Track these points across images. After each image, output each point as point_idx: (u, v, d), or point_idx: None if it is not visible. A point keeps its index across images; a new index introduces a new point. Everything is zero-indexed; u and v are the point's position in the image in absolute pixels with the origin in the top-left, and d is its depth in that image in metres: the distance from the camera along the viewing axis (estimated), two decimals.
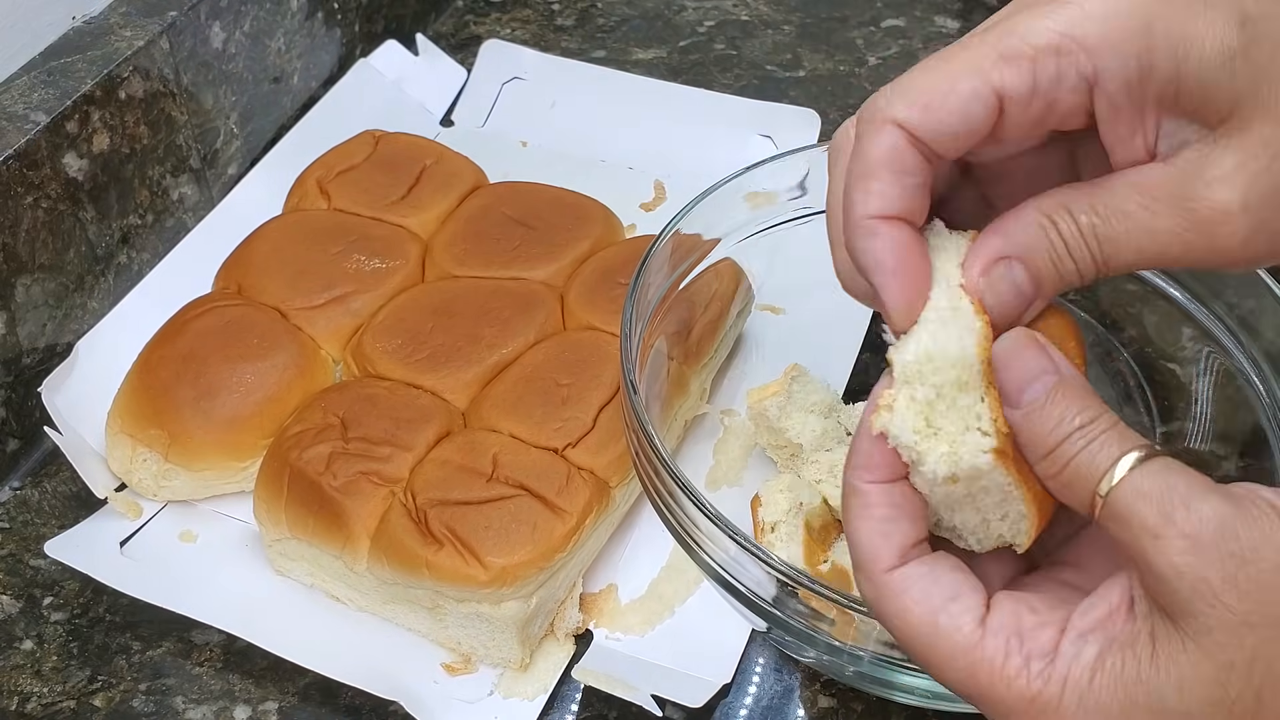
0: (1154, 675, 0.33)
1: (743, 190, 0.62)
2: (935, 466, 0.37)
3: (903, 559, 0.37)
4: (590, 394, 0.63)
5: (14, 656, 0.60)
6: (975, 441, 0.37)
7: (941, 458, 0.37)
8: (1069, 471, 0.35)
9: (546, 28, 0.99)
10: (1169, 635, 0.33)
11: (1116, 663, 0.34)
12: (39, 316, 0.68)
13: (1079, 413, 0.35)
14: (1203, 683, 0.33)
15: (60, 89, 0.68)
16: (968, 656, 0.35)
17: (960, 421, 0.37)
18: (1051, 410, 0.36)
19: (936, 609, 0.36)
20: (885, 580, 0.37)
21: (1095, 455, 0.35)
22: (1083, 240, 0.36)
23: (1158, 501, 0.33)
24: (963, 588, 0.36)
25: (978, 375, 0.37)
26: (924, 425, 0.37)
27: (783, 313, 0.74)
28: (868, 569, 0.37)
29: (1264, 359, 0.57)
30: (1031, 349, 0.36)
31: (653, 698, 0.56)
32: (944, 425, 0.37)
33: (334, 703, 0.59)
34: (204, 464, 0.64)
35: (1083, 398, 0.36)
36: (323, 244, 0.72)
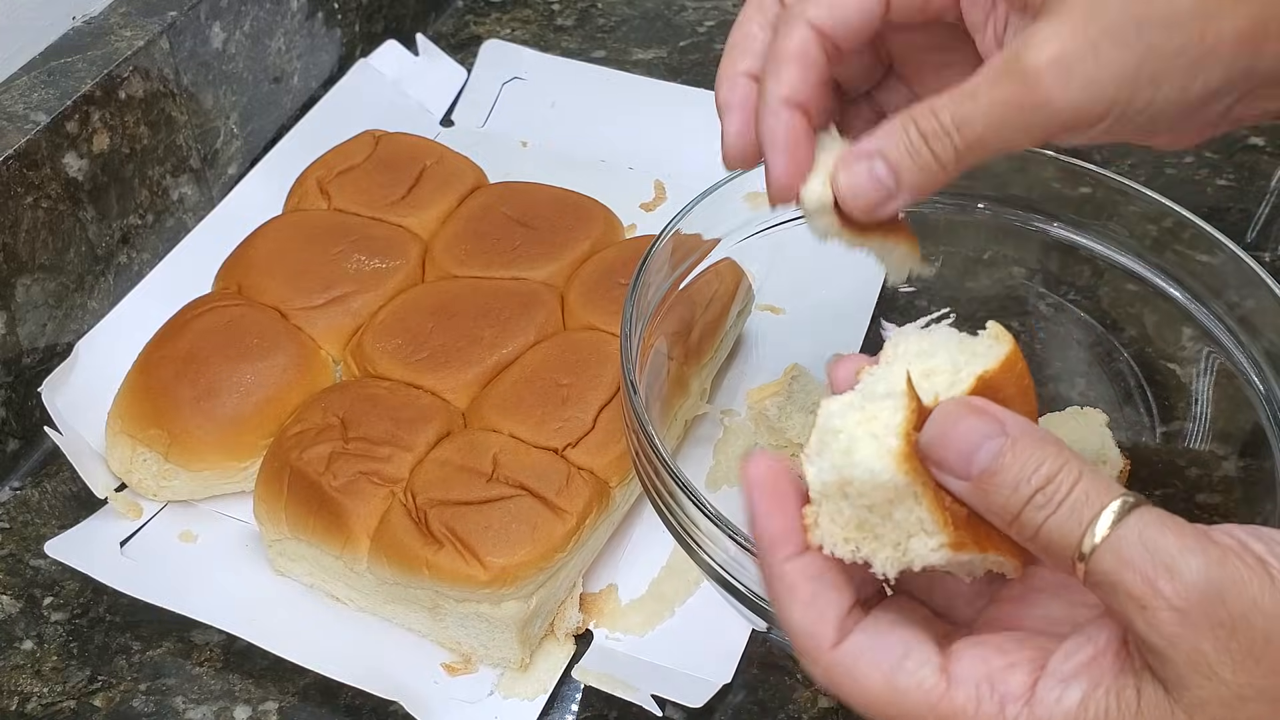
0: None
1: (743, 190, 0.62)
2: (884, 567, 0.36)
3: (842, 633, 0.36)
4: (590, 394, 0.63)
5: (14, 656, 0.60)
6: (923, 543, 0.35)
7: (888, 560, 0.36)
8: (1042, 537, 0.34)
9: (546, 28, 0.99)
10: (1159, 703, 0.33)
11: (1100, 710, 0.33)
12: (39, 316, 0.68)
13: (1035, 471, 0.34)
14: None
15: (60, 89, 0.68)
16: (936, 711, 0.35)
17: (900, 530, 0.36)
18: (1006, 476, 0.34)
19: (891, 671, 0.35)
20: (832, 659, 0.36)
21: (1067, 519, 0.34)
22: (939, 127, 0.40)
23: (1141, 568, 0.32)
24: (910, 643, 0.36)
25: (905, 487, 0.35)
26: (856, 533, 0.36)
27: (783, 313, 0.74)
28: (812, 654, 0.36)
29: (1264, 359, 0.57)
30: (968, 417, 0.35)
31: (653, 698, 0.56)
32: (884, 533, 0.36)
33: (334, 703, 0.59)
34: (204, 464, 0.64)
35: (1037, 452, 0.34)
36: (323, 244, 0.72)
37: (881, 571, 0.36)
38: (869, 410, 0.36)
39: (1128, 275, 0.62)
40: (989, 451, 0.34)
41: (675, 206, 0.70)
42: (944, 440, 0.35)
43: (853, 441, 0.35)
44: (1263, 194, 0.84)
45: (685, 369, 0.65)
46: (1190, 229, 0.59)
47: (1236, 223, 0.81)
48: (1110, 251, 0.63)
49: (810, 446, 0.37)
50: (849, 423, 0.36)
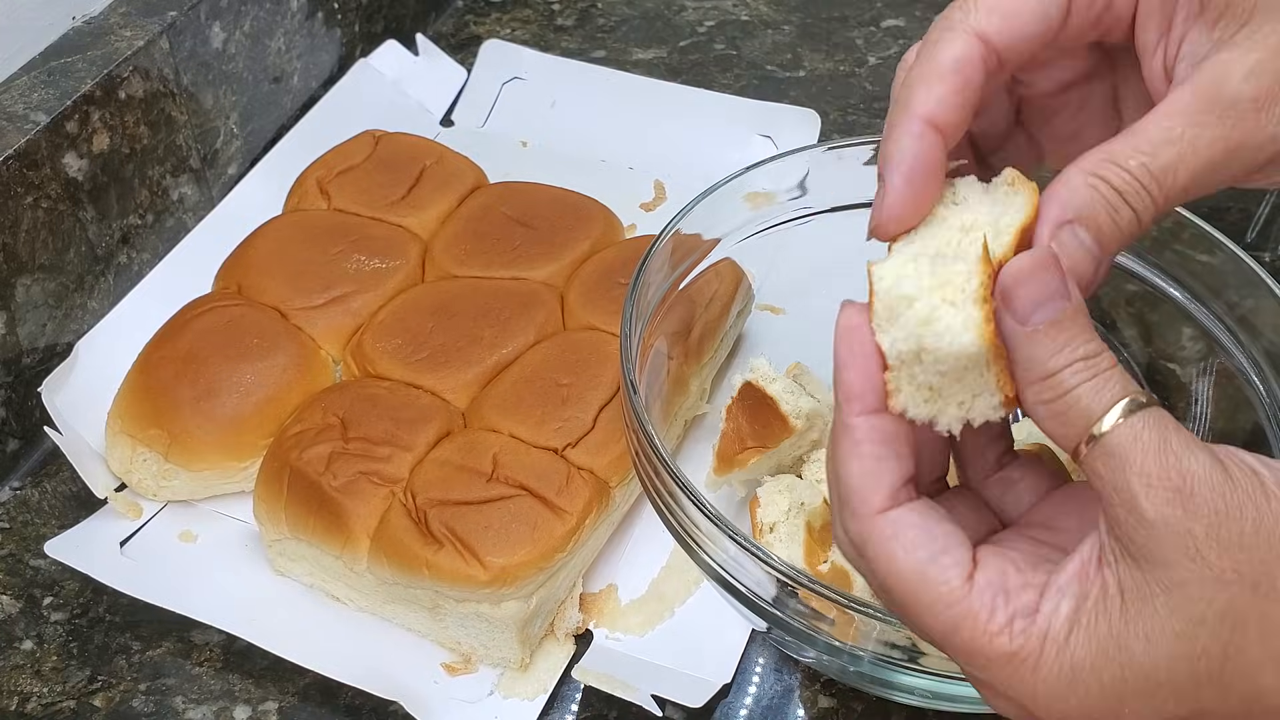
0: (1123, 628, 0.34)
1: (743, 190, 0.62)
2: (949, 425, 0.37)
3: (892, 501, 0.37)
4: (590, 394, 0.63)
5: (14, 656, 0.60)
6: (985, 402, 0.37)
7: (953, 418, 0.37)
8: (1066, 400, 0.35)
9: (546, 28, 0.99)
10: (1138, 586, 0.34)
11: (1090, 618, 0.34)
12: (39, 316, 0.68)
13: (1085, 343, 0.35)
14: (1171, 636, 0.33)
15: (60, 89, 0.68)
16: (952, 610, 0.36)
17: (967, 390, 0.37)
18: (1058, 335, 0.35)
19: (926, 561, 0.36)
20: (875, 523, 0.37)
21: (1098, 391, 0.35)
22: (1136, 184, 0.37)
23: (1154, 449, 0.34)
24: (952, 541, 0.37)
25: (982, 354, 0.36)
26: (930, 394, 0.37)
27: (783, 313, 0.74)
28: (857, 510, 0.37)
29: (1264, 359, 0.57)
30: (1051, 270, 0.36)
31: (653, 698, 0.56)
32: (951, 394, 0.37)
33: (334, 703, 0.59)
34: (204, 464, 0.64)
35: (1089, 330, 0.36)
36: (323, 244, 0.72)
37: (946, 428, 0.37)
38: (939, 275, 0.36)
39: (1128, 275, 0.62)
40: (1055, 308, 0.35)
41: (675, 206, 0.70)
42: (1017, 282, 0.36)
43: (932, 310, 0.36)
44: (1263, 194, 0.84)
45: (685, 369, 0.65)
46: (1190, 229, 0.59)
47: (1236, 223, 0.81)
48: None
49: (877, 314, 0.37)
50: (921, 288, 0.36)
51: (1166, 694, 0.34)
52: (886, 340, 0.37)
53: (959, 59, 0.38)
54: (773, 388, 0.60)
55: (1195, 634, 0.33)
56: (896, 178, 0.38)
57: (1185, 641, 0.33)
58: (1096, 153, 0.37)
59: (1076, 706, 0.35)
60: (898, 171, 0.38)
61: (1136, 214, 0.37)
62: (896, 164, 0.38)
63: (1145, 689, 0.34)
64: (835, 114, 0.89)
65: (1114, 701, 0.34)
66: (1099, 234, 0.37)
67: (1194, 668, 0.33)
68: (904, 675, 0.49)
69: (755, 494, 0.60)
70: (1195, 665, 0.33)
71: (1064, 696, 0.35)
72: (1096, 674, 0.34)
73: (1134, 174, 0.37)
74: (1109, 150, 0.37)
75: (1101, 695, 0.34)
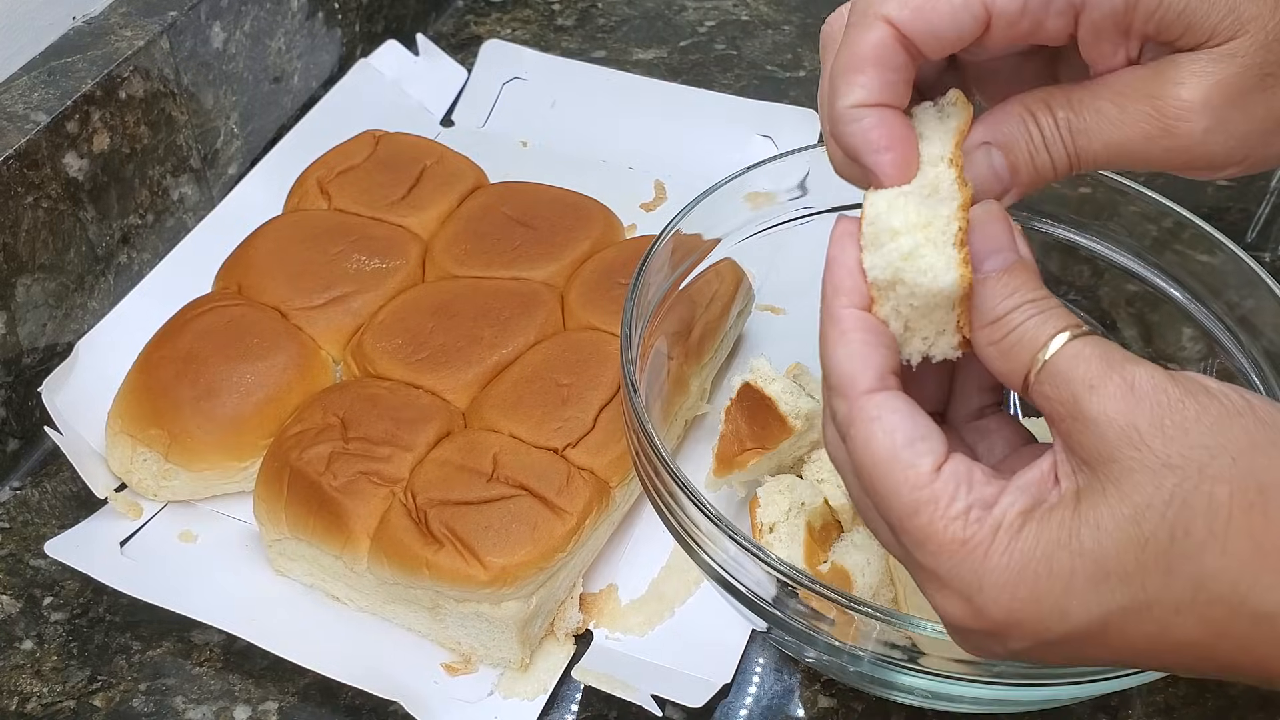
0: (1074, 520, 0.35)
1: (743, 190, 0.62)
2: (909, 355, 0.40)
3: (881, 385, 0.38)
4: (590, 394, 0.63)
5: (14, 656, 0.60)
6: (947, 340, 0.40)
7: (914, 351, 0.40)
8: (1011, 338, 0.37)
9: (546, 28, 0.99)
10: (1090, 487, 0.35)
11: (1044, 513, 0.35)
12: (39, 316, 0.68)
13: (1032, 290, 0.38)
14: (1119, 522, 0.34)
15: (60, 89, 0.68)
16: (916, 493, 0.36)
17: (934, 326, 0.39)
18: (1008, 281, 0.38)
19: (900, 443, 0.37)
20: (861, 402, 0.38)
21: (1042, 324, 0.37)
22: (1058, 133, 0.39)
23: (1096, 361, 0.35)
24: (930, 431, 0.37)
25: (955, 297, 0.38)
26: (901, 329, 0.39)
27: (783, 313, 0.74)
28: (845, 389, 0.38)
29: (1264, 359, 0.57)
30: (1000, 222, 0.39)
31: (653, 698, 0.56)
32: (918, 327, 0.39)
33: (334, 703, 0.59)
34: (204, 464, 0.64)
35: (1034, 279, 0.38)
36: (323, 244, 0.72)
37: (905, 358, 0.40)
38: (924, 214, 0.39)
39: (1128, 275, 0.62)
40: (1004, 258, 0.38)
41: (675, 206, 0.71)
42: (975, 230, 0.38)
43: (915, 247, 0.38)
44: (1263, 194, 0.84)
45: (685, 369, 0.65)
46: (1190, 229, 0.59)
47: (1236, 223, 0.81)
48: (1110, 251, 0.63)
49: (865, 236, 0.39)
50: (908, 224, 0.38)
51: (1115, 582, 0.34)
52: (868, 261, 0.39)
53: (875, 48, 0.38)
54: (771, 388, 0.60)
55: (1142, 518, 0.34)
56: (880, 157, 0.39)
57: (1133, 525, 0.34)
58: (1039, 92, 0.40)
59: (1025, 597, 0.35)
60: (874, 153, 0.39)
61: (1052, 162, 0.40)
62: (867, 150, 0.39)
63: (1093, 578, 0.34)
64: None
65: (1060, 593, 0.35)
66: (1014, 164, 0.40)
67: (1142, 554, 0.34)
68: (904, 675, 0.49)
69: (755, 494, 0.60)
70: (1143, 551, 0.34)
71: (1011, 586, 0.35)
72: (1046, 564, 0.35)
73: (1059, 125, 0.39)
74: (1048, 94, 0.39)
75: (1050, 586, 0.35)
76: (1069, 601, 0.35)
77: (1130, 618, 0.34)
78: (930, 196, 0.39)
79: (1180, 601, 0.34)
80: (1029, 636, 0.36)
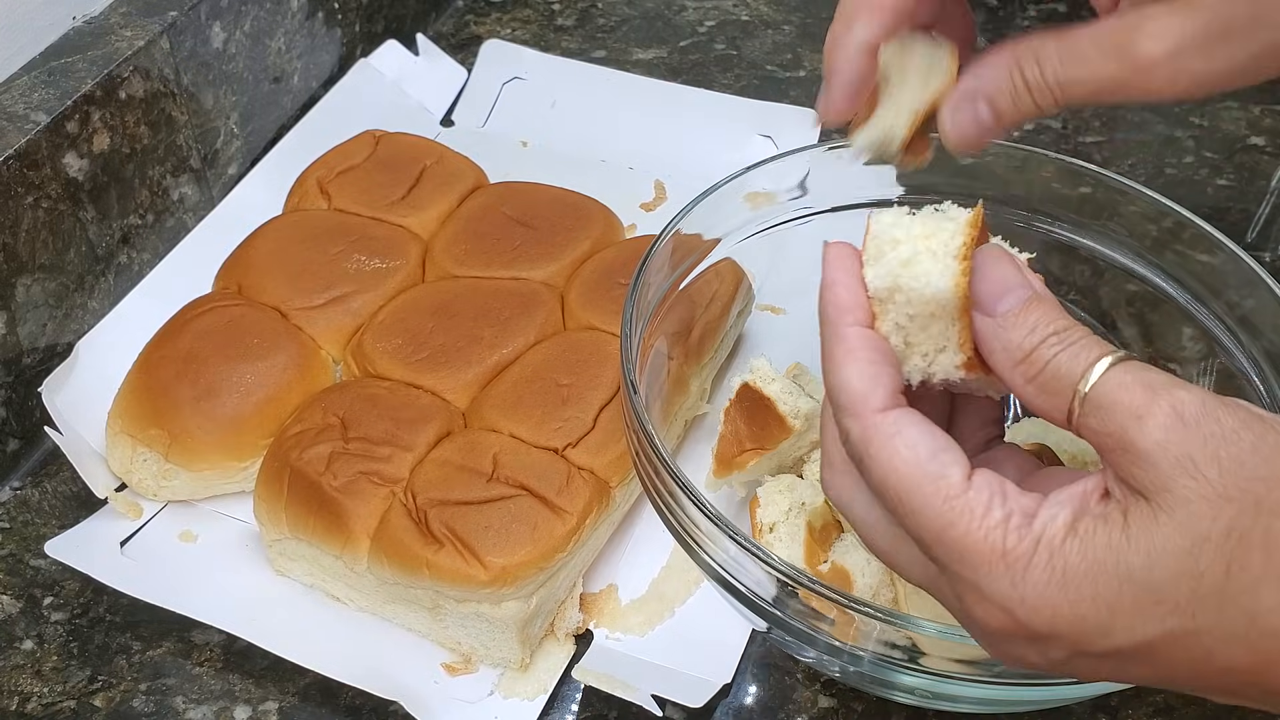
0: (1124, 544, 0.34)
1: (743, 190, 0.62)
2: (910, 374, 0.40)
3: (894, 402, 0.38)
4: (590, 394, 0.63)
5: (14, 656, 0.60)
6: (948, 358, 0.39)
7: (914, 369, 0.40)
8: (1048, 371, 0.37)
9: (546, 28, 0.99)
10: (1142, 511, 0.34)
11: (1088, 529, 0.35)
12: (39, 316, 0.68)
13: (1052, 321, 0.38)
14: (1174, 554, 0.33)
15: (60, 89, 0.68)
16: (949, 503, 0.36)
17: (932, 342, 0.39)
18: (1026, 318, 0.38)
19: (925, 457, 0.36)
20: (877, 421, 0.37)
21: (1076, 356, 0.37)
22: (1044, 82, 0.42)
23: (1139, 389, 0.35)
24: (951, 445, 0.37)
25: (952, 305, 0.38)
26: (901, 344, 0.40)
27: (783, 313, 0.74)
28: (857, 409, 0.38)
29: (1264, 359, 0.57)
30: (1006, 262, 0.39)
31: (653, 698, 0.56)
32: (916, 342, 0.40)
33: (334, 703, 0.59)
34: (204, 464, 0.64)
35: (1055, 310, 0.38)
36: (323, 244, 0.72)
37: (905, 377, 0.40)
38: (928, 227, 0.39)
39: (1128, 275, 0.62)
40: (1017, 298, 0.38)
41: (675, 206, 0.70)
42: (981, 275, 0.39)
43: (914, 254, 0.39)
44: (1263, 194, 0.84)
45: (685, 369, 0.65)
46: (1190, 229, 0.59)
47: (1236, 223, 0.81)
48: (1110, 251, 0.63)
49: (868, 252, 0.40)
50: (911, 234, 0.39)
51: (1165, 611, 0.34)
52: (869, 274, 0.39)
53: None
54: (771, 388, 0.60)
55: (1199, 551, 0.33)
56: (836, 90, 0.45)
57: (1189, 558, 0.33)
58: (1027, 44, 0.42)
59: (1067, 614, 0.34)
60: (837, 85, 0.45)
61: (1037, 105, 0.42)
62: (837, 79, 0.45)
63: (1141, 603, 0.34)
64: None
65: (1105, 612, 0.34)
66: (997, 111, 0.42)
67: (1197, 585, 0.33)
68: (904, 675, 0.49)
69: (755, 494, 0.60)
70: (1198, 583, 0.33)
71: (1054, 602, 0.34)
72: (1091, 582, 0.34)
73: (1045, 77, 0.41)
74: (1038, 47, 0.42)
75: (1094, 604, 0.34)
76: (1115, 622, 0.34)
77: (1178, 643, 0.34)
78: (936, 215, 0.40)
79: (1232, 634, 0.34)
80: (1069, 648, 0.35)
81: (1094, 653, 0.35)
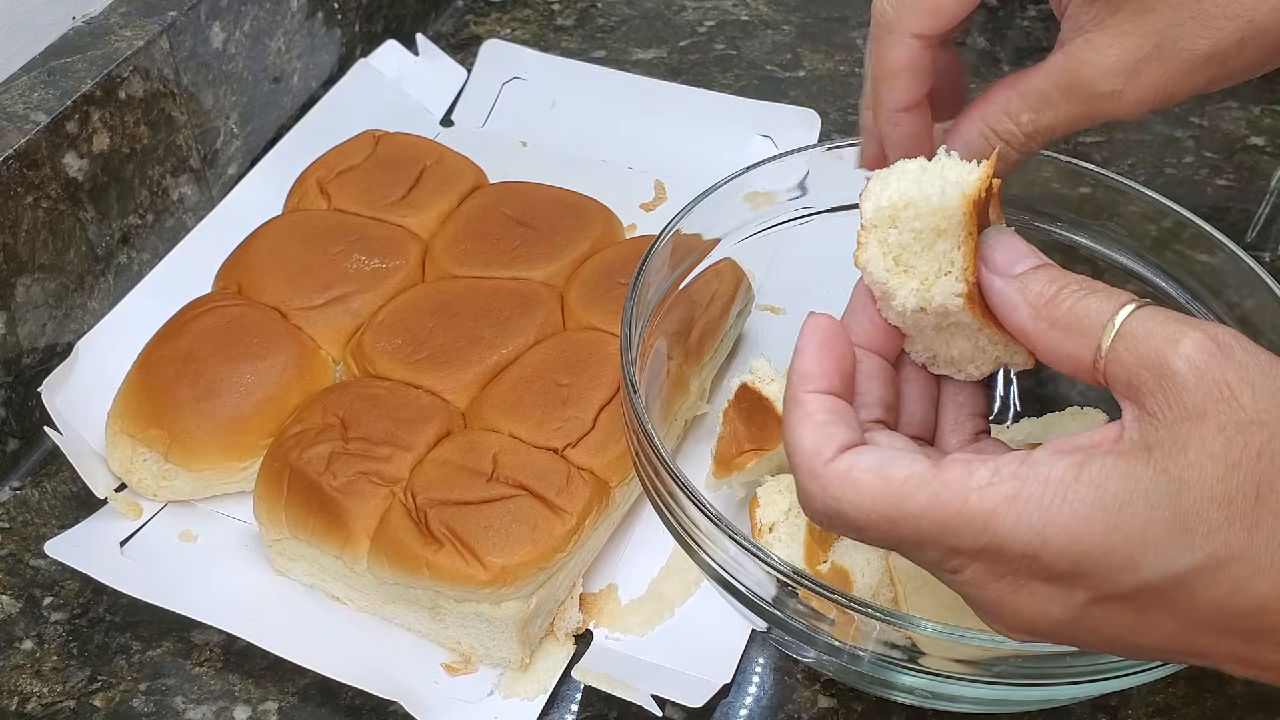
0: (1149, 474, 0.34)
1: (743, 190, 0.62)
2: (905, 300, 0.40)
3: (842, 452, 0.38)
4: (590, 394, 0.63)
5: (14, 656, 0.60)
6: (947, 284, 0.40)
7: (911, 292, 0.40)
8: (1075, 311, 0.37)
9: (546, 28, 0.99)
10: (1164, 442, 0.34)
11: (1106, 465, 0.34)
12: (39, 316, 0.68)
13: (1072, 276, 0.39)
14: (1203, 481, 0.33)
15: (60, 89, 0.68)
16: (928, 488, 0.35)
17: (932, 266, 0.40)
18: (1046, 273, 0.39)
19: (882, 465, 0.36)
20: (831, 469, 0.37)
21: (1103, 299, 0.37)
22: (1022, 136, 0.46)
23: (1173, 321, 0.35)
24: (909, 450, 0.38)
25: (956, 224, 0.39)
26: (894, 265, 0.40)
27: (783, 313, 0.74)
28: (810, 464, 0.38)
29: None
30: (1018, 239, 0.41)
31: (653, 698, 0.56)
32: (916, 265, 0.40)
33: (334, 703, 0.59)
34: (204, 464, 0.64)
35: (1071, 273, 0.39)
36: (323, 244, 0.72)
37: (902, 305, 0.40)
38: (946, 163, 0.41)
39: (1128, 275, 0.62)
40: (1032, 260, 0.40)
41: (675, 206, 0.70)
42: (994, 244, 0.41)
43: (924, 173, 0.40)
44: (1263, 194, 0.84)
45: (685, 369, 0.65)
46: (1190, 229, 0.59)
47: (1236, 223, 0.81)
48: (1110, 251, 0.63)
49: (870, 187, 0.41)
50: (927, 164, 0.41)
51: (1197, 538, 0.33)
52: (870, 202, 0.40)
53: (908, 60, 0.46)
54: (770, 389, 0.60)
55: (1230, 477, 0.33)
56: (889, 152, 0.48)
57: (1219, 485, 0.33)
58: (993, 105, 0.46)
59: (1094, 546, 0.33)
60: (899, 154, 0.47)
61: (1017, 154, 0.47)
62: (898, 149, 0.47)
63: (1172, 531, 0.33)
64: (835, 114, 0.89)
65: (1136, 545, 0.33)
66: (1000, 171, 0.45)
67: (1227, 510, 0.33)
68: (904, 675, 0.48)
69: (755, 494, 0.60)
70: (1229, 507, 0.33)
71: (1079, 535, 0.34)
72: (1117, 514, 0.33)
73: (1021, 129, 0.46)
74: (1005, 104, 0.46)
75: (1123, 535, 0.33)
76: (1144, 555, 0.33)
77: (1206, 576, 0.33)
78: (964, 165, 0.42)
79: (1260, 563, 0.33)
80: (1092, 589, 0.34)
81: (1119, 593, 0.34)
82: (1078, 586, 0.34)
